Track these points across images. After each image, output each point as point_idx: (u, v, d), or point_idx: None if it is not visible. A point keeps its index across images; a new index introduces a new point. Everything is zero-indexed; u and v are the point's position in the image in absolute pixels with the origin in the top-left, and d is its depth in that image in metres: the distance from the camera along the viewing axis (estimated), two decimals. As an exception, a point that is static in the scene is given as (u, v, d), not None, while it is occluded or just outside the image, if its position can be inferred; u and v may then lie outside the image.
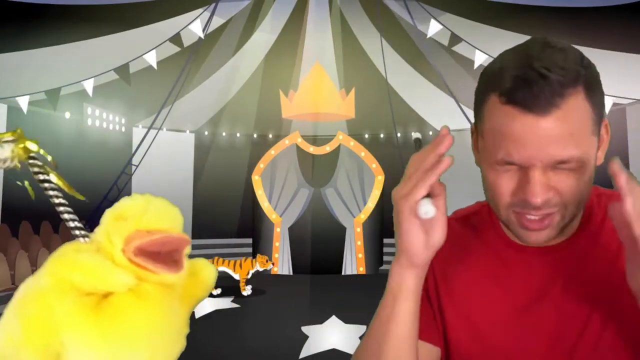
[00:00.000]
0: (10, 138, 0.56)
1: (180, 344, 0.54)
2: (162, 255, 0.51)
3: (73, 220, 0.56)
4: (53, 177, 0.57)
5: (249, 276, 8.64)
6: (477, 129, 0.83)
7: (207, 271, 0.59)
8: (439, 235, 0.77)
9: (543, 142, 0.70)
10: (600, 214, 0.84)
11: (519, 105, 0.71)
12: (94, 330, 0.49)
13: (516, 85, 0.71)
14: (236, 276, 8.61)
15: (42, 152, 0.57)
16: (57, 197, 0.57)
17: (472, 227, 0.92)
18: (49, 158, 0.58)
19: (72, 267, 0.50)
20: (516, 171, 0.75)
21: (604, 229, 0.83)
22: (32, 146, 0.57)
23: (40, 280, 0.50)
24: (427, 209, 0.73)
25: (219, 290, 8.44)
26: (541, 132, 0.70)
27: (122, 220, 0.52)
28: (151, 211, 0.52)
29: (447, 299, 0.90)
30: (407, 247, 0.76)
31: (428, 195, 0.74)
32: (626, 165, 0.68)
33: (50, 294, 0.49)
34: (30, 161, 0.57)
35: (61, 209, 0.56)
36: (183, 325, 0.54)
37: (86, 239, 0.54)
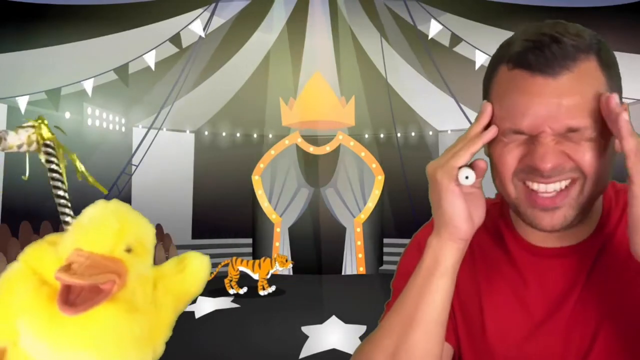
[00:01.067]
0: (30, 124, 0.59)
1: (147, 353, 0.53)
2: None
3: (67, 214, 0.57)
4: (68, 164, 0.60)
5: (269, 276, 8.66)
6: None
7: (196, 264, 0.57)
8: (480, 210, 0.72)
9: (553, 106, 0.64)
10: (618, 212, 0.78)
11: (528, 68, 0.66)
12: (46, 321, 0.49)
13: (526, 48, 0.66)
14: (255, 276, 8.63)
15: (55, 142, 0.60)
16: (59, 188, 0.59)
17: (484, 227, 0.80)
18: (72, 156, 0.62)
19: (37, 256, 0.53)
20: (524, 141, 0.68)
21: (620, 226, 0.76)
22: (46, 133, 0.60)
23: (15, 265, 0.53)
24: (468, 173, 0.67)
25: (245, 289, 8.48)
26: (551, 95, 0.64)
27: (80, 226, 0.54)
28: (94, 231, 0.52)
29: (456, 302, 0.82)
30: (449, 219, 0.70)
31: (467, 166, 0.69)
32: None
33: (15, 278, 0.52)
34: (43, 149, 0.60)
35: (61, 201, 0.58)
36: (154, 332, 0.53)
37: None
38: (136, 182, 11.16)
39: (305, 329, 5.89)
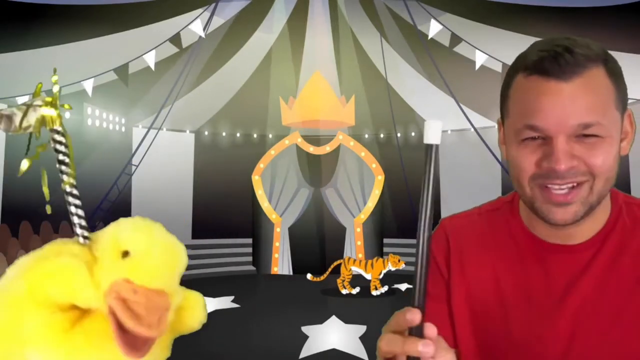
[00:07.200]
0: (39, 102, 0.50)
1: None
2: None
3: (82, 217, 0.50)
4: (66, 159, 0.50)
5: (381, 276, 8.51)
6: (502, 121, 0.83)
7: (197, 310, 0.55)
8: None
9: (566, 106, 0.72)
10: (629, 223, 0.82)
11: (544, 74, 0.73)
12: (61, 357, 0.45)
13: (542, 57, 0.74)
14: (368, 276, 8.52)
15: (64, 128, 0.51)
16: (71, 185, 0.50)
17: (494, 223, 0.91)
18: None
19: (49, 276, 0.46)
20: (539, 144, 0.75)
21: (635, 240, 0.80)
22: (52, 112, 0.50)
23: (16, 283, 0.46)
24: None
25: (357, 289, 8.43)
26: (564, 97, 0.72)
27: (119, 250, 0.48)
28: (149, 265, 0.47)
29: (462, 289, 0.89)
30: None
31: None
32: (626, 164, 0.68)
33: (24, 303, 0.46)
34: (54, 135, 0.50)
35: (74, 201, 0.50)
36: None
37: (86, 240, 0.49)
38: (136, 182, 11.15)
39: (305, 329, 5.89)
